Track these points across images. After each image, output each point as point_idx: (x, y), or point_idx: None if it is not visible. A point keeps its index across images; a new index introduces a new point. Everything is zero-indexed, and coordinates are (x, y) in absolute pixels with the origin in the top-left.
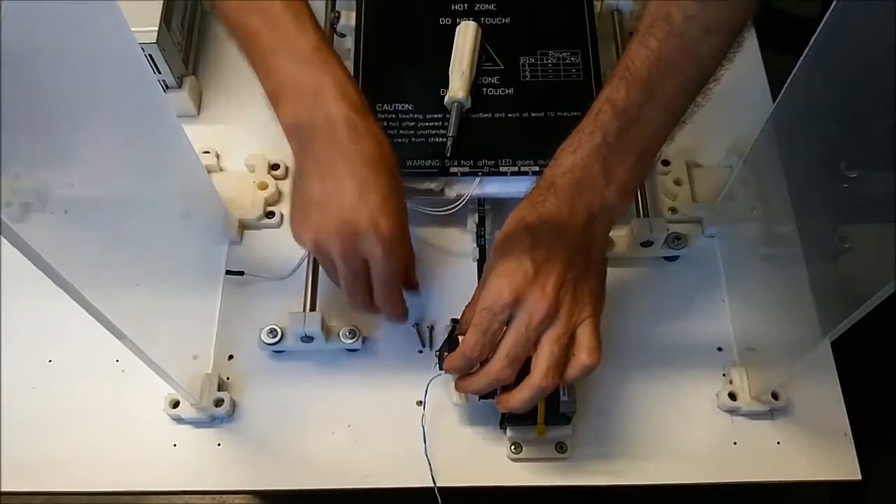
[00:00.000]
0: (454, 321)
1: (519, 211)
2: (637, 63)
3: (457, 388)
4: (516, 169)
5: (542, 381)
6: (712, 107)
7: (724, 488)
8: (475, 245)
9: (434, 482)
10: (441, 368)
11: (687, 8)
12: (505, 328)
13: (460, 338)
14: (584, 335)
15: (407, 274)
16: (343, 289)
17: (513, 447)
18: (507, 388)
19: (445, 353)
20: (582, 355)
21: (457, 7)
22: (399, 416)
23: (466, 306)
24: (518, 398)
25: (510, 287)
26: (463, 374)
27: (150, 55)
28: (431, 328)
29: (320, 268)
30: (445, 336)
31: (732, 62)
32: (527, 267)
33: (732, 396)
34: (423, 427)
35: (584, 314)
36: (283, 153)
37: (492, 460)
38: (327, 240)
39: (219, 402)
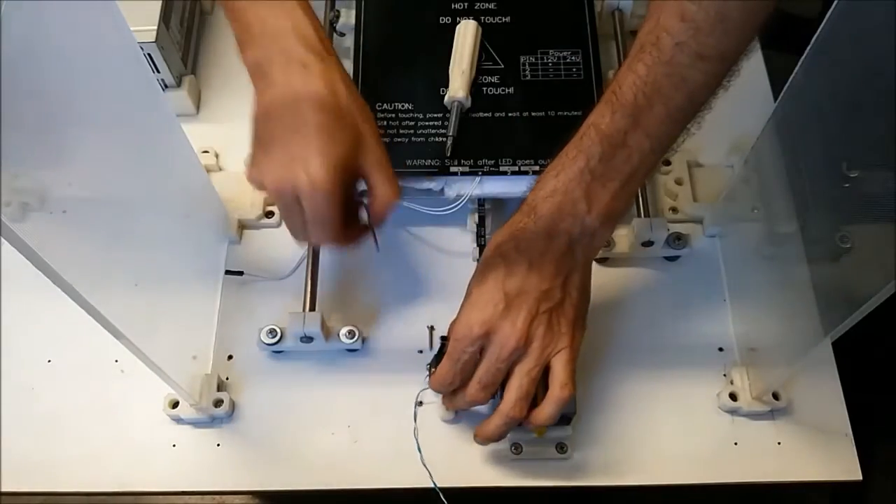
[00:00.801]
0: (444, 339)
1: (498, 236)
2: (624, 88)
3: (443, 402)
4: (516, 168)
5: (511, 411)
6: (714, 106)
7: (725, 489)
8: (475, 245)
9: (434, 485)
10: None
11: (677, 34)
12: (480, 354)
13: None
14: (558, 367)
15: (375, 206)
16: (287, 226)
17: (513, 447)
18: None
19: (433, 370)
20: (554, 389)
21: (457, 6)
22: (399, 416)
23: (451, 323)
24: (492, 426)
25: (479, 321)
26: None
27: (148, 54)
28: (432, 329)
29: (320, 267)
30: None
31: (727, 90)
32: (498, 300)
33: (733, 397)
34: (417, 439)
35: (559, 346)
36: None
37: (492, 461)
38: (263, 178)
39: (218, 403)
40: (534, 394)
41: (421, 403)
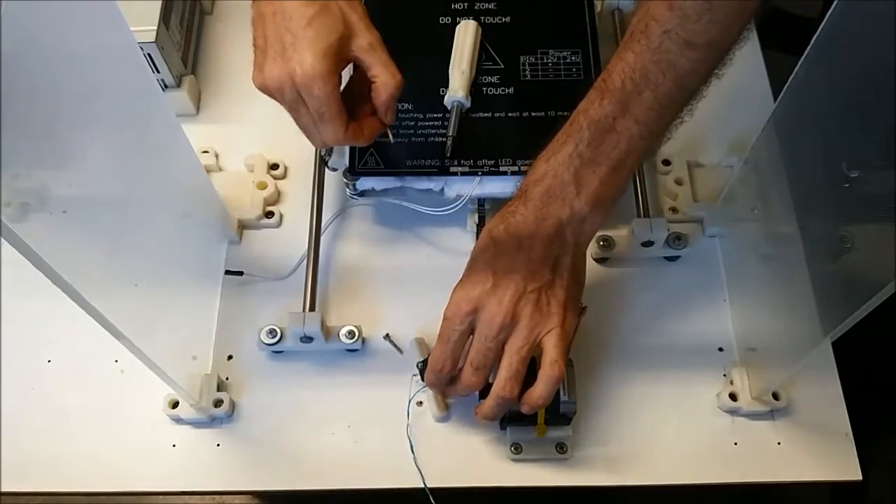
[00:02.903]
0: None
1: (490, 222)
2: (613, 75)
3: (443, 392)
4: (516, 169)
5: (501, 391)
6: (714, 106)
7: (725, 489)
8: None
9: (425, 485)
10: (423, 380)
11: (665, 21)
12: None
13: None
14: (548, 346)
15: (377, 93)
16: (301, 129)
17: (513, 448)
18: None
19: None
20: (545, 367)
21: (457, 6)
22: (399, 416)
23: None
24: (486, 407)
25: (468, 298)
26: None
27: (148, 54)
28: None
29: (320, 267)
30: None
31: (720, 78)
32: (486, 279)
33: (733, 397)
34: (410, 438)
35: (548, 326)
36: (283, 153)
37: (492, 461)
38: (264, 81)
39: (218, 403)
40: (524, 373)
41: (420, 404)
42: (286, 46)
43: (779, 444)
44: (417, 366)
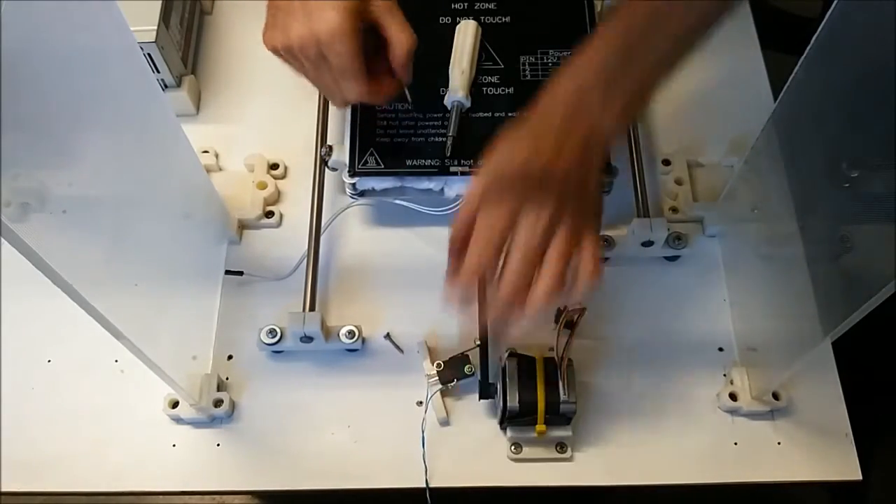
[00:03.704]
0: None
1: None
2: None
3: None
4: None
5: (550, 282)
6: (714, 106)
7: (725, 488)
8: None
9: (427, 484)
10: (441, 382)
11: None
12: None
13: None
14: (588, 250)
15: (394, 53)
16: (322, 90)
17: (513, 447)
18: None
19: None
20: (588, 268)
21: (457, 6)
22: (399, 416)
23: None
24: (534, 296)
25: (521, 159)
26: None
27: (148, 54)
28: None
29: (320, 267)
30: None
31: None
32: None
33: (733, 397)
34: (423, 431)
35: (587, 226)
36: (283, 153)
37: (492, 461)
38: (287, 38)
39: (218, 403)
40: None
41: (420, 403)
42: (311, 9)
43: (779, 444)
44: (436, 366)
